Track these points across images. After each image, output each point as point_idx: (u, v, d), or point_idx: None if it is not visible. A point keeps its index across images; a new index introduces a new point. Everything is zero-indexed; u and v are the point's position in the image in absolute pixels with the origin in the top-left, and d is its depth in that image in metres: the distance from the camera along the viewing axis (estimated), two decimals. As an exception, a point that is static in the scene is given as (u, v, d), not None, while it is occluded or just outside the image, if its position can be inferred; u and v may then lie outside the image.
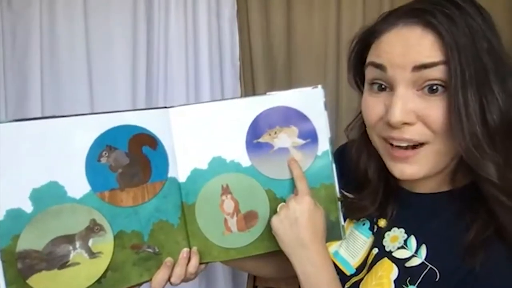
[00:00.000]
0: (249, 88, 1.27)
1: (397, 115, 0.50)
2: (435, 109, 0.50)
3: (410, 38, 0.50)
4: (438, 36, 0.48)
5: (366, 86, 0.57)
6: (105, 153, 0.59)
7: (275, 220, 0.62)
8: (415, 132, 0.52)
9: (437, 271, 0.53)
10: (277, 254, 0.81)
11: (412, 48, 0.50)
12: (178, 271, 0.63)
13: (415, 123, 0.51)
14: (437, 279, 0.53)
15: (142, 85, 1.20)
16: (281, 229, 0.62)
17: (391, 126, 0.52)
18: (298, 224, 0.60)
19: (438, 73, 0.49)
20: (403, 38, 0.51)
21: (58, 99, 1.19)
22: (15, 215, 0.52)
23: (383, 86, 0.54)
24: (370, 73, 0.56)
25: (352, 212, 0.67)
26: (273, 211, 0.66)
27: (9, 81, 1.24)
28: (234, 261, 0.71)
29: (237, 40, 1.23)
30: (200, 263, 0.66)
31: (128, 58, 1.20)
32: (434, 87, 0.50)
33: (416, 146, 0.53)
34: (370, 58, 0.55)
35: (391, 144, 0.55)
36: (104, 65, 1.21)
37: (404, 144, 0.53)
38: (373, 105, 0.56)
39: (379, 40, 0.54)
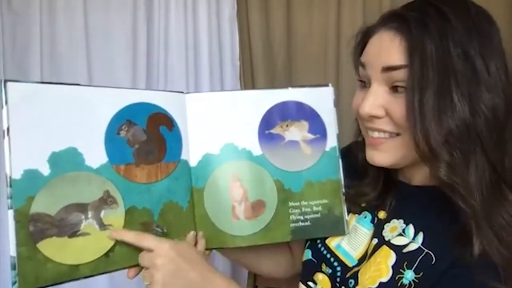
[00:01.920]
0: (249, 88, 1.28)
1: (365, 108, 0.57)
2: (398, 106, 0.55)
3: (384, 40, 0.56)
4: (405, 40, 0.53)
5: (358, 82, 0.63)
6: (125, 127, 0.59)
7: (157, 286, 0.54)
8: (383, 124, 0.57)
9: (433, 255, 0.55)
10: (281, 253, 0.82)
11: (383, 50, 0.56)
12: None
13: (383, 117, 0.57)
14: (433, 262, 0.55)
15: (142, 85, 1.20)
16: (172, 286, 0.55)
17: (362, 117, 0.59)
18: (181, 272, 0.55)
19: (401, 74, 0.54)
20: (379, 41, 0.57)
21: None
22: (32, 175, 0.52)
23: (365, 83, 0.60)
24: (360, 70, 0.61)
25: (354, 200, 0.69)
26: (281, 202, 0.67)
27: (9, 81, 1.22)
28: (236, 252, 0.70)
29: (237, 40, 1.24)
30: (206, 249, 0.65)
31: (128, 58, 1.20)
32: (398, 86, 0.55)
33: (392, 136, 0.58)
34: (361, 57, 0.61)
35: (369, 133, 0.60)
36: (104, 65, 1.21)
37: (376, 135, 0.59)
38: (356, 99, 0.62)
39: (369, 41, 0.60)
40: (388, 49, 0.55)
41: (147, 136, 0.61)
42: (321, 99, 0.70)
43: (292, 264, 0.82)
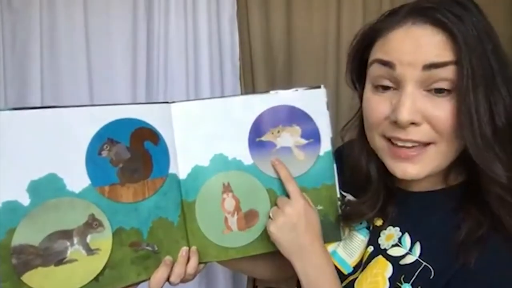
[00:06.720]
0: (249, 88, 1.27)
1: (405, 114, 0.50)
2: (442, 110, 0.50)
3: (421, 36, 0.50)
4: (449, 35, 0.48)
5: (369, 85, 0.56)
6: (106, 147, 0.57)
7: (272, 228, 0.61)
8: (421, 133, 0.51)
9: (431, 268, 0.53)
10: (274, 255, 0.80)
11: (422, 46, 0.49)
12: (178, 270, 0.61)
13: (422, 124, 0.51)
14: (431, 277, 0.52)
15: (142, 85, 1.19)
16: (280, 236, 0.61)
17: (397, 125, 0.51)
18: (297, 229, 0.60)
19: (448, 73, 0.48)
20: (413, 36, 0.50)
21: (58, 99, 1.19)
22: (11, 207, 0.50)
23: (387, 86, 0.53)
24: (375, 71, 0.54)
25: (350, 218, 0.65)
26: None
27: (9, 81, 1.23)
28: (231, 260, 0.69)
29: (237, 40, 1.23)
30: (199, 263, 0.64)
31: (128, 58, 1.19)
32: (442, 88, 0.49)
33: (421, 145, 0.52)
34: (376, 55, 0.54)
35: (393, 143, 0.54)
36: (104, 65, 1.21)
37: (410, 145, 0.53)
38: (377, 104, 0.55)
39: (386, 37, 0.53)
40: (430, 44, 0.49)
41: (131, 153, 0.59)
42: (313, 101, 0.66)
43: (289, 267, 0.81)
